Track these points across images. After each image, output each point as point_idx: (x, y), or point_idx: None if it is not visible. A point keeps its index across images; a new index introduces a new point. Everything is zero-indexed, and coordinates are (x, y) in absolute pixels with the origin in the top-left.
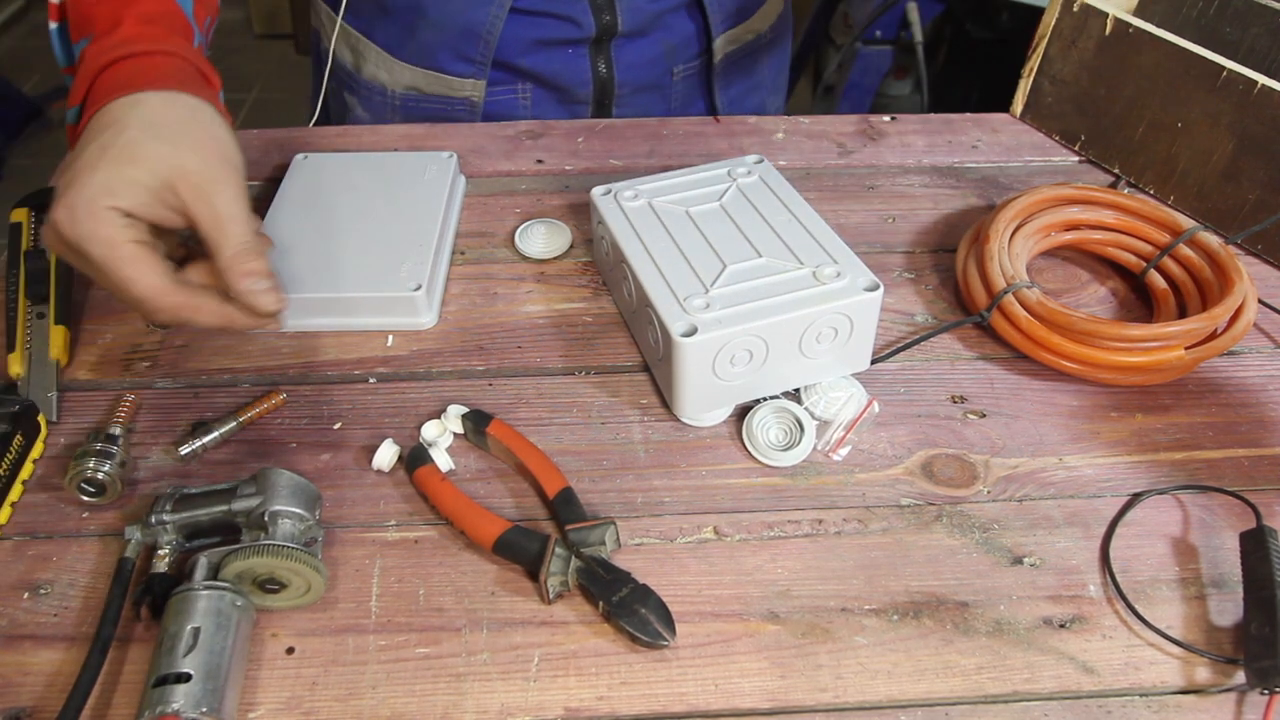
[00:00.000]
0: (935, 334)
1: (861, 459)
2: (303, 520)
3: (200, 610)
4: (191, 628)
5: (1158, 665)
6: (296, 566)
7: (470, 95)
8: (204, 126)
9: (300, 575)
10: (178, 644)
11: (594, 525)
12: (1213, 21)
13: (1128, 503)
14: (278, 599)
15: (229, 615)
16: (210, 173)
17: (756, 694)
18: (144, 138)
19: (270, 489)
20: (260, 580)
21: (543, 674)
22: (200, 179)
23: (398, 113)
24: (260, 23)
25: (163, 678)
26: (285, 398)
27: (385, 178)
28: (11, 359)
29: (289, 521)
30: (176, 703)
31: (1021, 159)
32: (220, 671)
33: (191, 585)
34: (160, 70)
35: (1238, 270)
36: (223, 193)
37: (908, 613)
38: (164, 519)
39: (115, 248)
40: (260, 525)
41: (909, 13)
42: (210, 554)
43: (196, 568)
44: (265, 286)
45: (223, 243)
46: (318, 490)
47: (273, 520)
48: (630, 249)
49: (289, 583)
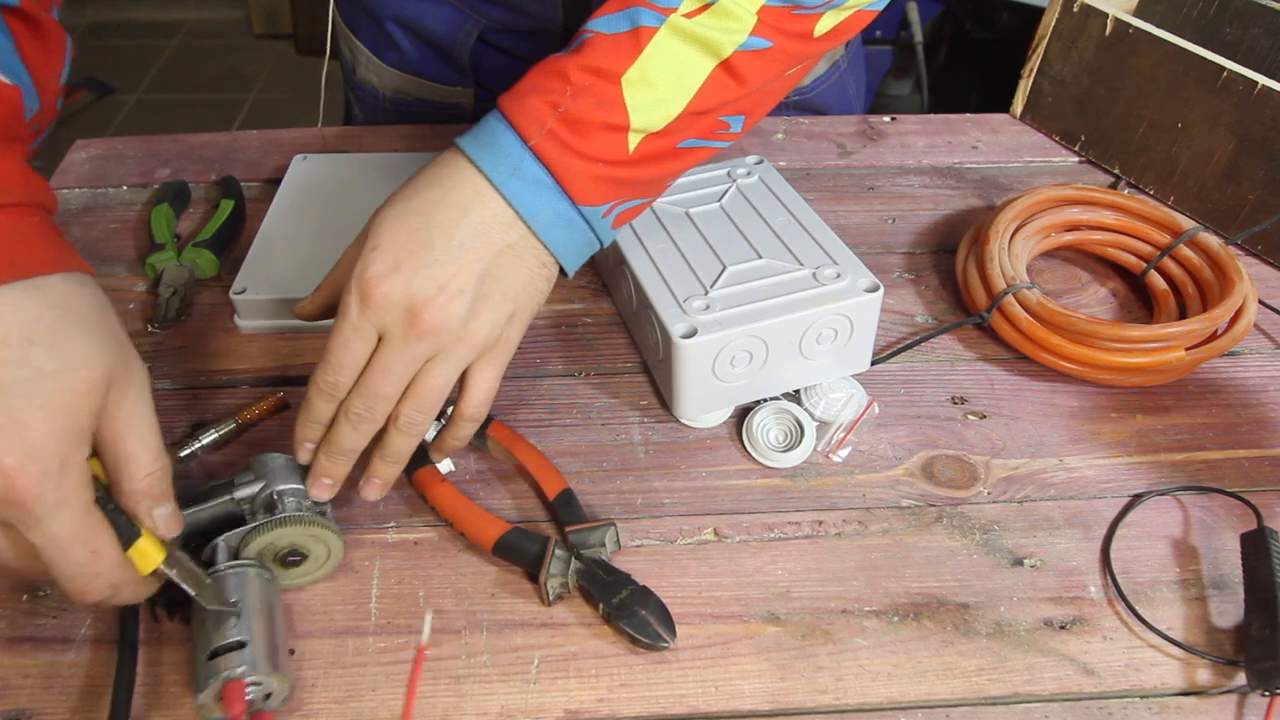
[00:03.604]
0: (935, 335)
1: (862, 460)
2: (307, 495)
3: (234, 586)
4: (231, 602)
5: (1158, 667)
6: (317, 532)
7: (460, 102)
8: (107, 309)
9: (321, 541)
10: (224, 619)
11: (594, 527)
12: (1213, 22)
13: (1128, 504)
14: (298, 573)
15: (261, 588)
16: (133, 376)
17: (757, 696)
18: (84, 349)
19: (270, 472)
20: (281, 554)
21: (543, 676)
22: (125, 385)
23: (389, 115)
24: (260, 23)
25: (217, 649)
26: (285, 399)
27: (385, 178)
28: None
29: (295, 499)
30: (242, 666)
31: (1021, 159)
32: (271, 634)
33: (218, 567)
34: (40, 238)
35: (1238, 271)
36: (143, 399)
37: (908, 614)
38: None
39: (90, 511)
40: (268, 507)
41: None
42: (228, 537)
43: (217, 552)
44: (168, 513)
45: (139, 460)
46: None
47: (280, 499)
48: (630, 250)
49: (310, 551)
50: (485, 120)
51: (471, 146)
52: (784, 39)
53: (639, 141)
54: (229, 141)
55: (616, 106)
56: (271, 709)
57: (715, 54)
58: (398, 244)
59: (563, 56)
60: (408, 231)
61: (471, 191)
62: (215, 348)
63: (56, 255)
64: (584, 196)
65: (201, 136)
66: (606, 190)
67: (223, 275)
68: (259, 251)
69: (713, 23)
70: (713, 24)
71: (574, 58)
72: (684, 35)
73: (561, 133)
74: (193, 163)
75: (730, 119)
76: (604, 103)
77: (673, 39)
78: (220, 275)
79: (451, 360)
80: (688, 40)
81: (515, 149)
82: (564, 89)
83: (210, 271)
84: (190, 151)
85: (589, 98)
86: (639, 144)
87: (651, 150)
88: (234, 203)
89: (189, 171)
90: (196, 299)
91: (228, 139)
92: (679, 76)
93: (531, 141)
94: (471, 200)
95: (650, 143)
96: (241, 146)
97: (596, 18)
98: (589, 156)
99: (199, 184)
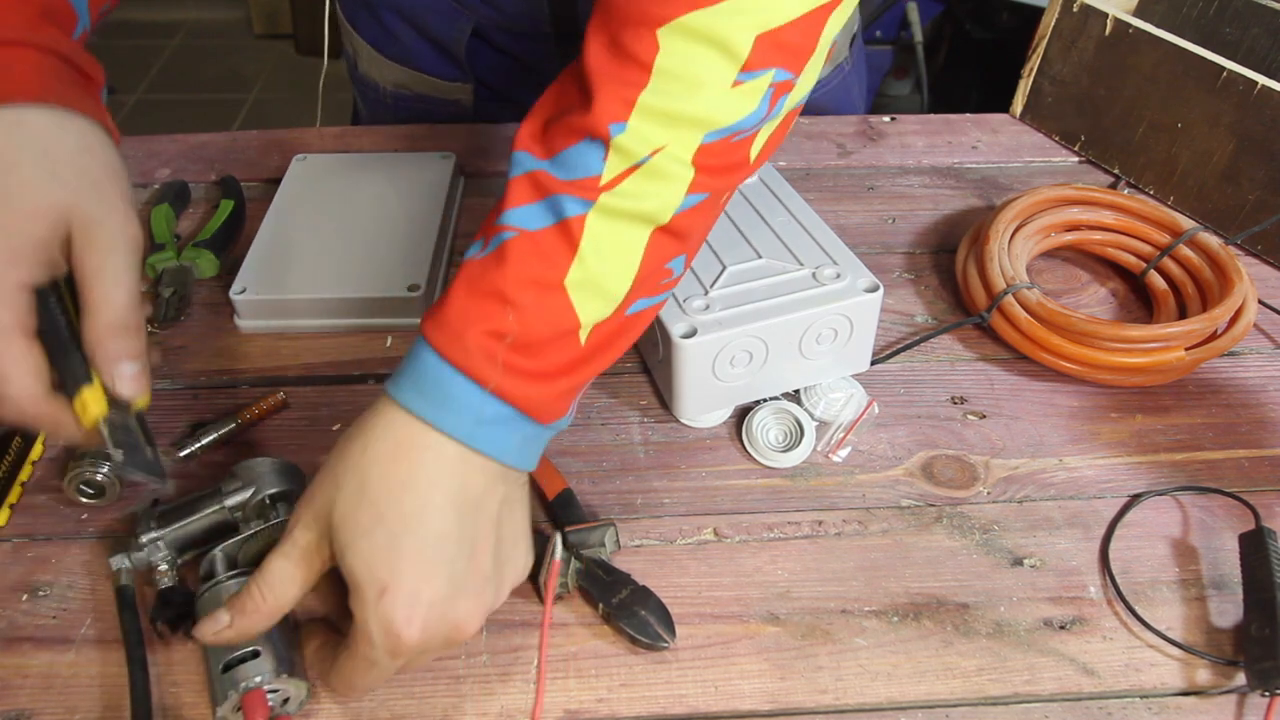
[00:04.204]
0: (935, 335)
1: (861, 460)
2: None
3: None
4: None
5: (1158, 667)
6: None
7: (460, 98)
8: (97, 156)
9: None
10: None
11: (594, 527)
12: (1213, 22)
13: (1128, 504)
14: None
15: None
16: (109, 223)
17: (756, 696)
18: (39, 178)
19: (258, 477)
20: None
21: (543, 676)
22: (98, 231)
23: (390, 110)
24: (260, 23)
25: (231, 660)
26: (285, 399)
27: (385, 178)
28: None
29: (287, 502)
30: (258, 676)
31: (1021, 159)
32: (282, 642)
33: (219, 578)
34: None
35: (1238, 271)
36: (117, 249)
37: (908, 614)
38: (155, 536)
39: (7, 335)
40: (260, 512)
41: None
42: (225, 547)
43: (215, 563)
44: (132, 372)
45: (101, 308)
46: (299, 467)
47: (272, 504)
48: None
49: None
50: (420, 367)
51: (420, 405)
52: (721, 181)
53: (589, 334)
54: (229, 141)
55: (566, 313)
56: (290, 713)
57: (652, 222)
58: (406, 577)
59: (488, 270)
60: (400, 556)
61: (441, 463)
62: (215, 348)
63: (43, 89)
64: (551, 416)
65: (201, 136)
66: (568, 398)
67: (223, 275)
68: (259, 251)
69: (646, 189)
70: (647, 192)
71: (504, 270)
72: (616, 215)
73: (515, 362)
74: (193, 163)
75: (672, 265)
76: (552, 316)
77: (605, 222)
78: (220, 275)
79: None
80: (621, 219)
81: (472, 397)
82: (504, 313)
83: (210, 271)
84: (190, 151)
85: (534, 316)
86: (589, 336)
87: (602, 335)
88: (234, 203)
89: (189, 171)
90: (196, 299)
91: (228, 139)
92: (621, 258)
93: (490, 385)
94: (444, 473)
95: (600, 330)
96: (241, 146)
97: (510, 209)
98: (547, 375)
99: (199, 184)
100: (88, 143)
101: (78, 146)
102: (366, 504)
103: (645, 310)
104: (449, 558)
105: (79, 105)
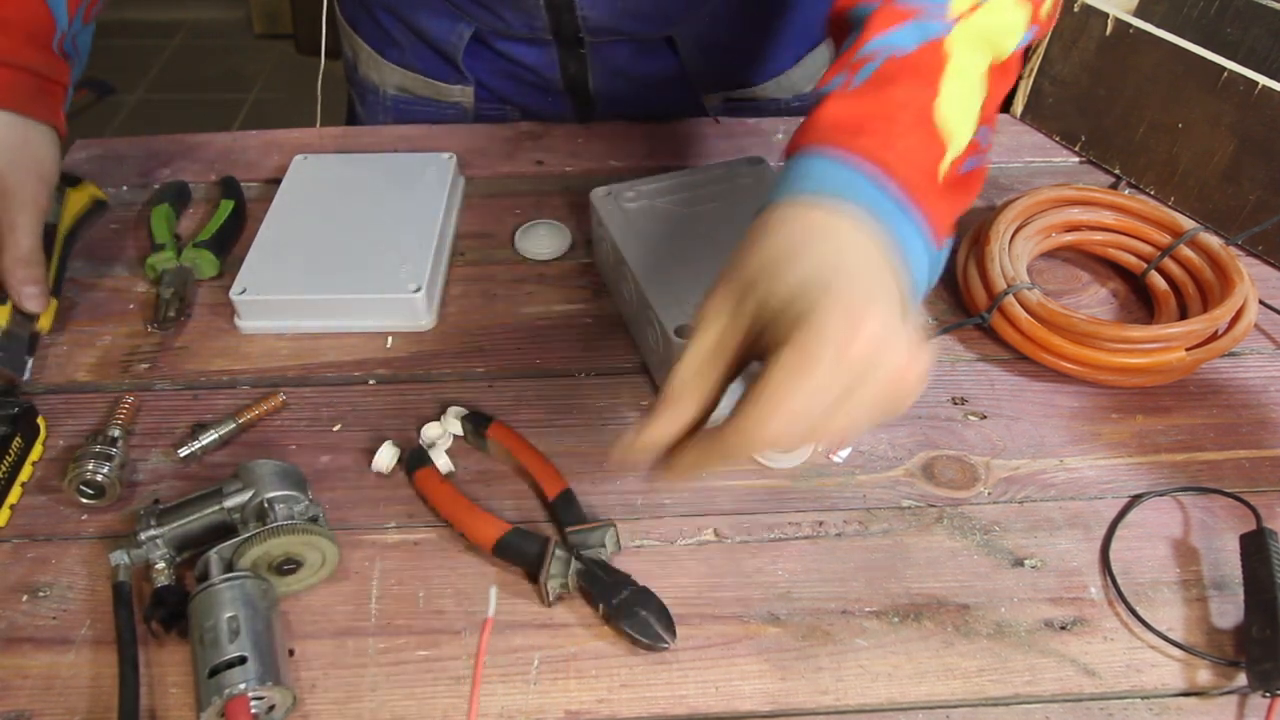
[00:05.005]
0: (936, 335)
1: (862, 461)
2: (298, 501)
3: (229, 600)
4: (228, 616)
5: (1159, 668)
6: (311, 540)
7: (460, 101)
8: (30, 147)
9: (316, 548)
10: (220, 634)
11: (594, 527)
12: (1213, 22)
13: (1128, 504)
14: (294, 580)
15: (258, 599)
16: (23, 188)
17: (757, 696)
18: None
19: (258, 480)
20: (276, 563)
21: (543, 677)
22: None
23: (390, 113)
24: (260, 23)
25: (217, 666)
26: (285, 399)
27: (385, 179)
28: None
29: (285, 505)
30: (242, 683)
31: (1022, 159)
32: (269, 648)
33: (212, 581)
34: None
35: (1238, 271)
36: (27, 209)
37: (908, 615)
38: (154, 534)
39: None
40: (259, 515)
41: None
42: (220, 549)
43: (210, 565)
44: (34, 293)
45: (11, 248)
46: (302, 472)
47: (270, 507)
48: (630, 251)
49: (305, 558)
50: (806, 169)
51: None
52: (1041, 27)
53: (944, 173)
54: (229, 141)
55: (934, 144)
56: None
57: (996, 55)
58: (853, 279)
59: (863, 97)
60: (838, 271)
61: (858, 225)
62: (215, 348)
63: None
64: (940, 235)
65: (201, 136)
66: (949, 227)
67: (223, 275)
68: (259, 252)
69: (992, 22)
70: (993, 25)
71: (881, 94)
72: (972, 41)
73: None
74: (193, 163)
75: (984, 129)
76: (923, 145)
77: (963, 45)
78: (220, 275)
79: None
80: (974, 45)
81: (873, 183)
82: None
83: (210, 271)
84: (190, 151)
85: (906, 142)
86: (945, 173)
87: (949, 180)
88: (234, 203)
89: (189, 171)
90: (196, 299)
91: (228, 139)
92: (972, 88)
93: (888, 170)
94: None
95: (951, 169)
96: (241, 146)
97: (877, 35)
98: (941, 194)
99: (199, 184)
100: (29, 137)
101: (21, 139)
102: (789, 248)
103: (974, 171)
104: (885, 287)
105: (34, 111)
